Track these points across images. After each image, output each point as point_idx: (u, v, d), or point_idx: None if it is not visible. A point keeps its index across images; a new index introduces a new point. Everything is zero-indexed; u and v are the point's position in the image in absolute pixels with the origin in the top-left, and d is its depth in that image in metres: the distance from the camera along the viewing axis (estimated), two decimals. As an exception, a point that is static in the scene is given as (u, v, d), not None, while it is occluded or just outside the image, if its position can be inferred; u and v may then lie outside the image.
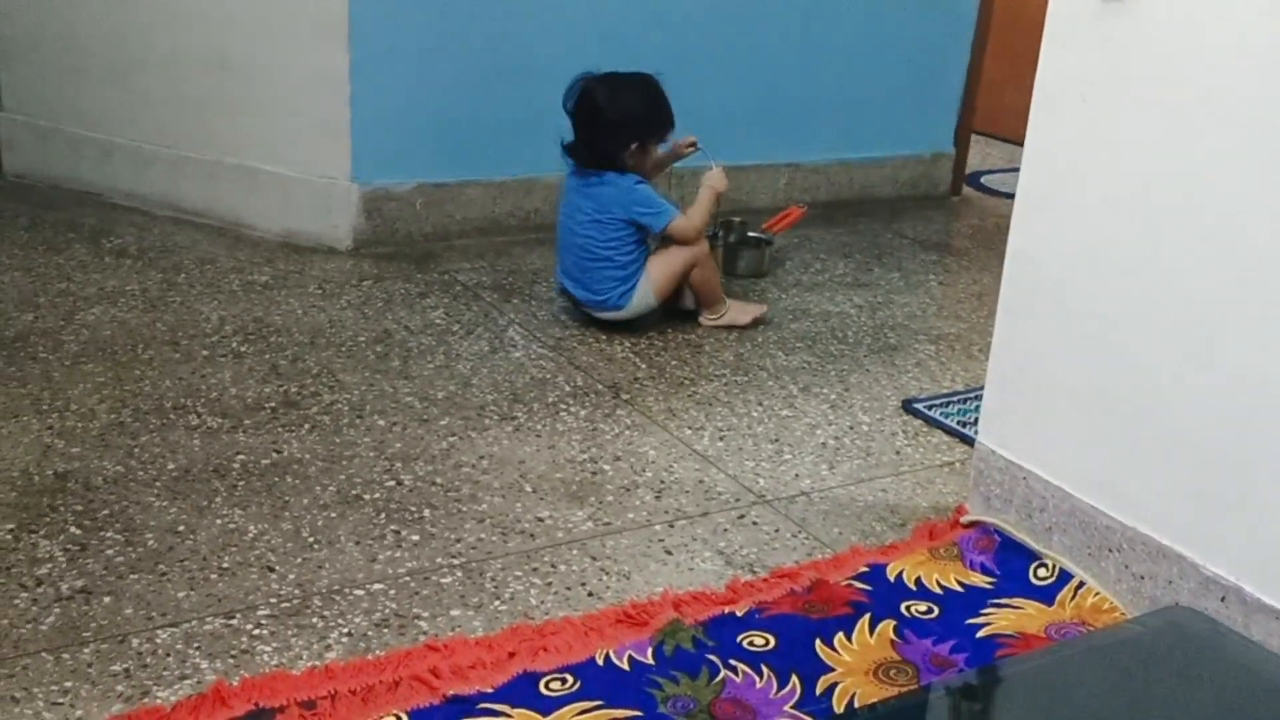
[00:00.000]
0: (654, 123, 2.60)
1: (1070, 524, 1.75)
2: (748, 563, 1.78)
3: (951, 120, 4.09)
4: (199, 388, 2.22)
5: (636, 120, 2.58)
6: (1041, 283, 1.76)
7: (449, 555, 1.74)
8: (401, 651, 1.51)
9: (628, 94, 2.57)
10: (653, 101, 2.59)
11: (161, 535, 1.74)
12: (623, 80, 2.58)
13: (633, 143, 2.58)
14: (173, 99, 3.19)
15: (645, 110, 2.59)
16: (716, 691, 1.46)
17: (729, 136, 3.58)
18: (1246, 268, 1.47)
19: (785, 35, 3.60)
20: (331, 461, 1.99)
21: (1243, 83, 1.45)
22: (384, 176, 3.08)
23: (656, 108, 2.59)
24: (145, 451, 1.98)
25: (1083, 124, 1.66)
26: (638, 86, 2.59)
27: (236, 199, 3.16)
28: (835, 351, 2.63)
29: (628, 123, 2.56)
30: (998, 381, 1.86)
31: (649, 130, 2.60)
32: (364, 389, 2.27)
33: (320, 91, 3.00)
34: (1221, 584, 1.53)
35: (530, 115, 3.05)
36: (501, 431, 2.14)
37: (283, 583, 1.65)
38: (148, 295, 2.67)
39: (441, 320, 2.65)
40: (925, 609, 1.67)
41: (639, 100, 2.58)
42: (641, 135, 2.59)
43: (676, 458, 2.09)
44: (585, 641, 1.55)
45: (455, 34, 3.07)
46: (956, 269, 3.33)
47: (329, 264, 2.97)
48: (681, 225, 2.61)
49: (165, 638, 1.51)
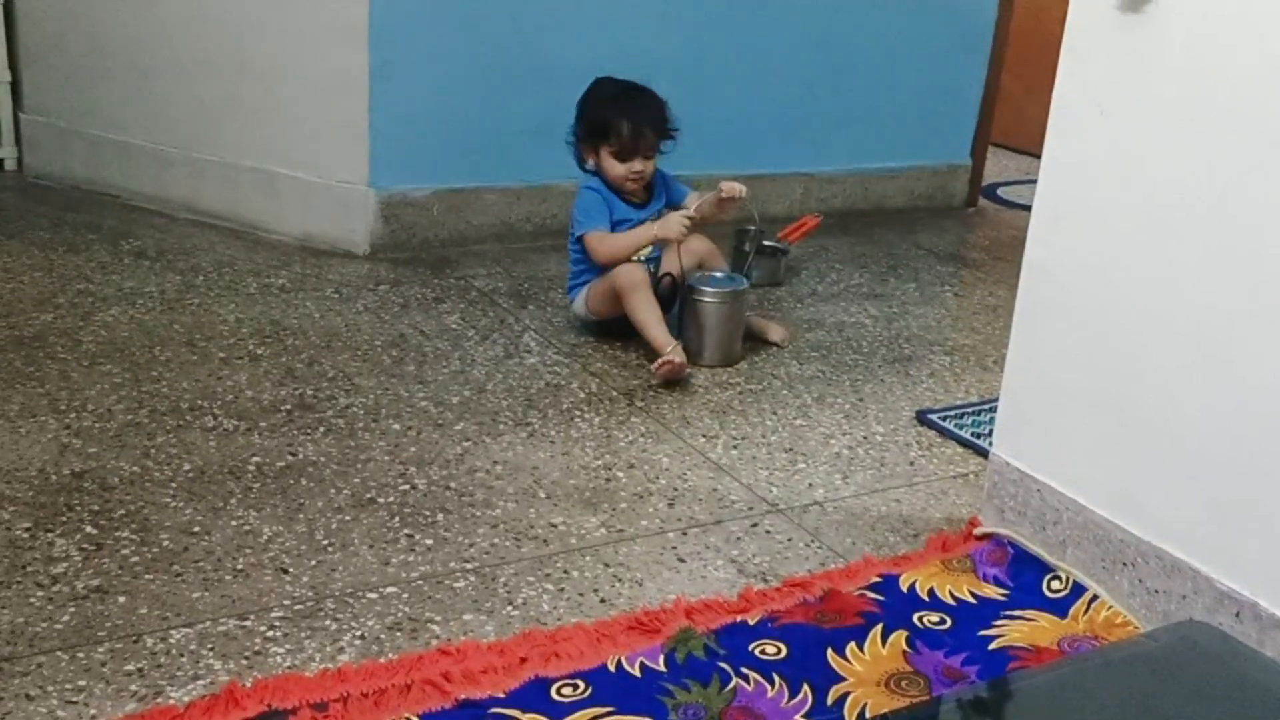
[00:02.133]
0: (588, 126, 2.58)
1: (1084, 537, 1.74)
2: (760, 572, 1.78)
3: (969, 132, 4.09)
4: (215, 389, 2.24)
5: (578, 120, 2.60)
6: (1057, 295, 1.75)
7: (462, 560, 1.75)
8: (414, 655, 1.51)
9: (586, 94, 2.60)
10: (594, 105, 2.57)
11: (176, 536, 1.75)
12: (598, 82, 2.61)
13: (584, 142, 2.59)
14: (192, 102, 3.21)
15: (582, 111, 2.59)
16: (728, 700, 1.46)
17: (745, 146, 3.60)
18: (1264, 281, 1.47)
19: (802, 45, 3.61)
20: (346, 465, 2.00)
21: (1264, 96, 1.45)
22: (402, 181, 3.10)
23: (593, 112, 2.56)
24: (161, 452, 1.99)
25: (1101, 137, 1.66)
26: (595, 89, 2.59)
27: (255, 202, 3.18)
28: (850, 362, 2.63)
29: (577, 121, 2.60)
30: (1012, 393, 1.86)
31: (586, 132, 2.58)
32: (379, 393, 2.28)
33: (339, 96, 3.01)
34: (1236, 599, 1.52)
35: (547, 121, 3.04)
36: (516, 437, 2.14)
37: (296, 585, 1.65)
38: (166, 297, 2.68)
39: (457, 325, 2.66)
40: (937, 620, 1.67)
41: (584, 101, 2.59)
42: (582, 136, 2.59)
43: (690, 466, 2.09)
44: (597, 648, 1.55)
45: (474, 40, 3.09)
46: (972, 281, 3.33)
47: (346, 268, 2.98)
48: (590, 242, 2.56)
49: (179, 638, 1.52)
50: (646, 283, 2.53)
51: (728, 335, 2.55)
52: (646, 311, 2.50)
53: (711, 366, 2.52)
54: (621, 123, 2.53)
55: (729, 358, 2.55)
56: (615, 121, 2.53)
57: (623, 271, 2.52)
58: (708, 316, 2.52)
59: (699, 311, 2.52)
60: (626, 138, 2.53)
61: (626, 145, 2.54)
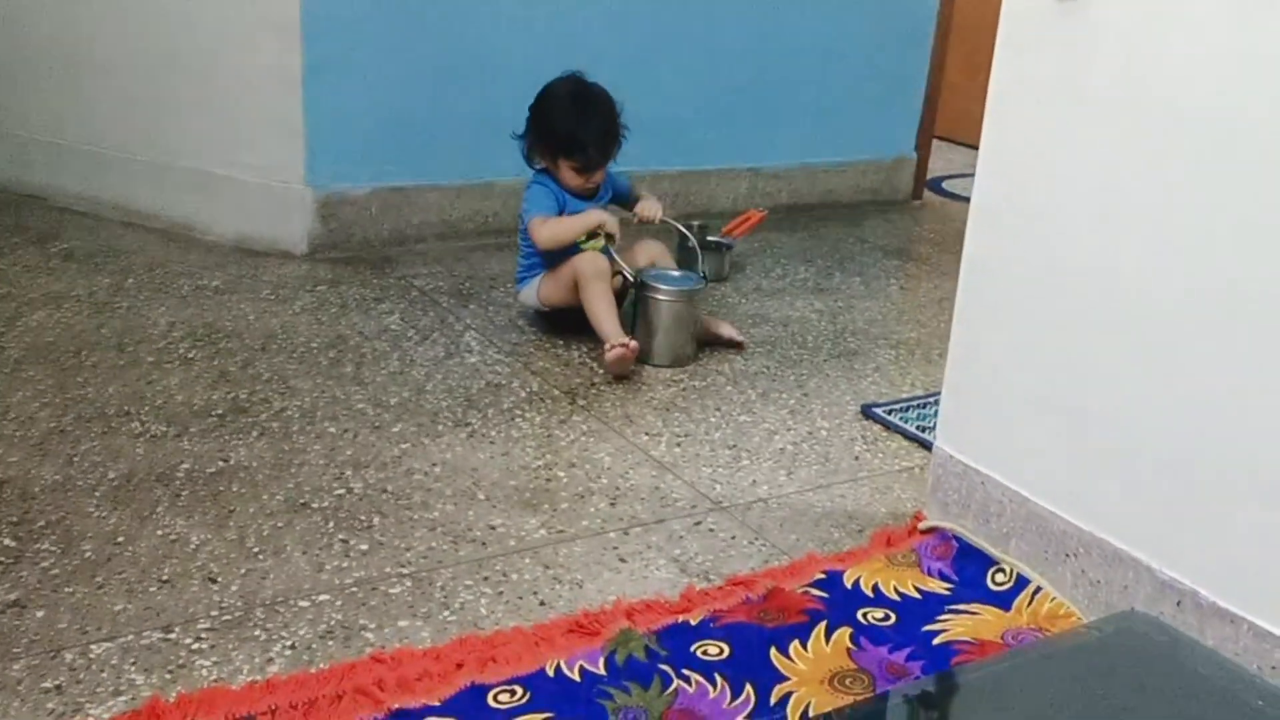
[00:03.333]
0: (548, 137, 2.55)
1: (1028, 529, 1.73)
2: (703, 571, 1.75)
3: (913, 125, 4.09)
4: (144, 394, 2.17)
5: (533, 126, 2.58)
6: (998, 288, 1.74)
7: (398, 564, 1.71)
8: (346, 664, 1.47)
9: (538, 99, 2.57)
10: (555, 117, 2.53)
11: (100, 545, 1.69)
12: (554, 84, 2.58)
13: (535, 146, 2.57)
14: (123, 100, 3.13)
15: (539, 119, 2.56)
16: (669, 702, 1.44)
17: (690, 140, 3.58)
18: (1204, 272, 1.46)
19: (746, 39, 3.59)
20: (280, 469, 1.95)
21: (1197, 86, 1.44)
22: (340, 180, 3.04)
23: (554, 124, 2.53)
24: (86, 459, 1.93)
25: (1038, 127, 1.64)
26: (547, 95, 2.57)
27: (188, 202, 3.11)
28: (795, 357, 2.61)
29: (528, 125, 2.58)
30: (955, 386, 1.84)
31: (545, 143, 2.56)
32: (316, 395, 2.23)
33: (274, 93, 2.95)
34: (1177, 589, 1.52)
35: (488, 118, 3.01)
36: (455, 438, 2.10)
37: (225, 594, 1.60)
38: (94, 299, 2.61)
39: (397, 326, 2.61)
40: (882, 616, 1.65)
41: (541, 108, 2.56)
42: (537, 142, 2.57)
43: (632, 464, 2.06)
44: (535, 652, 1.51)
45: (412, 35, 3.04)
46: (918, 274, 3.33)
47: (283, 268, 2.92)
48: (532, 226, 2.54)
49: (100, 651, 1.47)
50: (608, 274, 2.51)
51: (680, 335, 2.51)
52: (602, 302, 2.47)
53: (662, 367, 2.49)
54: (587, 141, 2.52)
55: (680, 358, 2.51)
56: (580, 139, 2.52)
57: (585, 259, 2.50)
58: (661, 314, 2.49)
59: (652, 309, 2.49)
60: (592, 156, 2.54)
61: (592, 162, 2.55)
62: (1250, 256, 1.40)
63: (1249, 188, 1.40)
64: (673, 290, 2.49)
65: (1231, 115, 1.41)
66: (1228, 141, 1.42)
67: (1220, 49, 1.41)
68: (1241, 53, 1.39)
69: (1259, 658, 1.42)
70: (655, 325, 2.49)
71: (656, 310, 2.48)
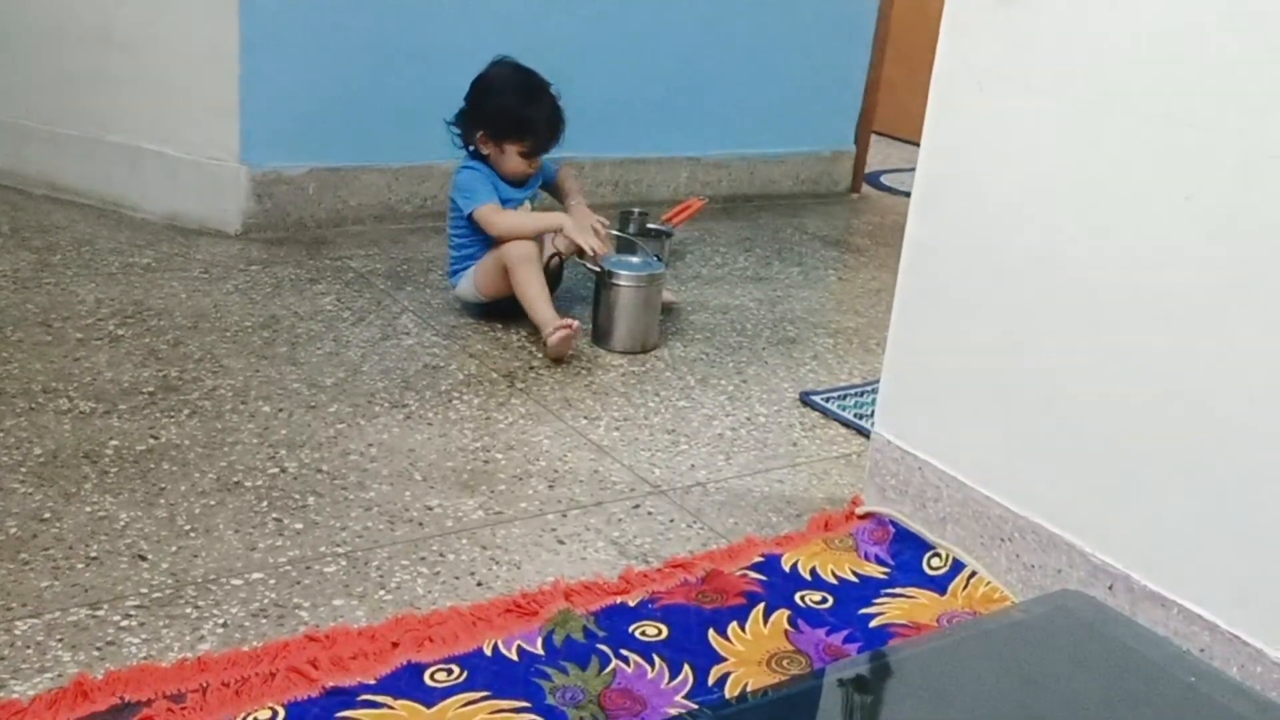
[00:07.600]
0: (493, 120, 2.50)
1: (964, 514, 1.75)
2: (641, 553, 1.75)
3: (852, 119, 4.12)
4: (71, 371, 2.12)
5: (475, 108, 2.52)
6: (937, 273, 1.76)
7: (333, 544, 1.68)
8: (279, 642, 1.44)
9: (481, 82, 2.53)
10: (503, 99, 2.49)
11: (25, 522, 1.64)
12: (494, 68, 2.55)
13: (476, 130, 2.52)
14: (53, 73, 3.05)
15: (482, 102, 2.51)
16: (606, 682, 1.43)
17: (629, 128, 3.57)
18: (1141, 260, 1.48)
19: (687, 28, 3.59)
20: (212, 448, 1.91)
21: (1138, 72, 1.46)
22: (275, 159, 2.99)
23: (501, 107, 2.49)
24: (10, 436, 1.87)
25: (980, 113, 1.66)
26: (492, 79, 2.53)
27: (119, 178, 3.04)
28: (734, 344, 2.62)
29: (468, 108, 2.53)
30: (894, 371, 1.86)
31: (490, 126, 2.50)
32: (248, 374, 2.19)
33: (208, 69, 2.89)
34: (1110, 572, 1.54)
35: (427, 100, 2.96)
36: (392, 419, 2.07)
37: (154, 571, 1.57)
38: (19, 276, 2.54)
39: (332, 306, 2.57)
40: (820, 599, 1.66)
41: (484, 91, 2.52)
42: (478, 125, 2.51)
43: (571, 447, 2.05)
44: (473, 632, 1.50)
45: (352, 14, 2.99)
46: (855, 265, 3.35)
47: (216, 247, 2.87)
48: (485, 214, 2.48)
49: (25, 629, 1.43)
50: (537, 257, 2.48)
51: (642, 321, 2.50)
52: (535, 287, 2.45)
53: (625, 353, 2.48)
54: (538, 126, 2.49)
55: (643, 344, 2.50)
56: (530, 124, 2.48)
57: (514, 244, 2.46)
58: (622, 301, 2.48)
59: (613, 296, 2.48)
60: (542, 140, 2.50)
61: (539, 147, 2.52)
62: (1187, 245, 1.43)
63: (1188, 173, 1.42)
64: (634, 275, 2.48)
65: (1170, 100, 1.43)
66: (1167, 127, 1.44)
67: (1158, 33, 1.43)
68: (1178, 36, 1.41)
69: (1188, 640, 1.45)
70: (618, 311, 2.48)
71: (619, 297, 2.47)
